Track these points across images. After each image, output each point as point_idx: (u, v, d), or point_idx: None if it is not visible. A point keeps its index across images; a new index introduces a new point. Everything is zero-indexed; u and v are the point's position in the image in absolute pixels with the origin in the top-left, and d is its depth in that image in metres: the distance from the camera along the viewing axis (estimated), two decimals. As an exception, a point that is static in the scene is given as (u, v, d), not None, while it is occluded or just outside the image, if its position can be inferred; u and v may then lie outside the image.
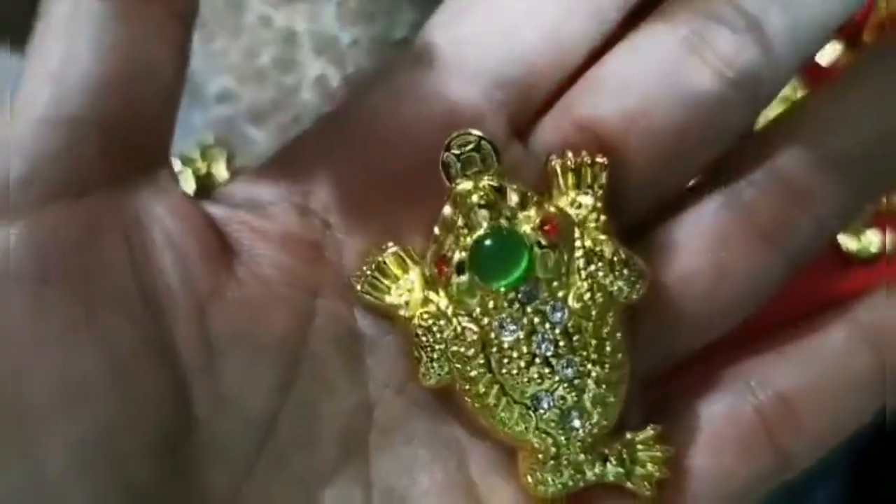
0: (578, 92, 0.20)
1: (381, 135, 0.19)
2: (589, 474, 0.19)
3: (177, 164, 0.33)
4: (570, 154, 0.19)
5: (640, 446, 0.20)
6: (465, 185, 0.18)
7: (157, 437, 0.17)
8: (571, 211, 0.19)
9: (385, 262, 0.19)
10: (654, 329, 0.20)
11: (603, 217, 0.19)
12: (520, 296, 0.19)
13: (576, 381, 0.19)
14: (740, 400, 0.20)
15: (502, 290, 0.18)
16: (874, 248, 0.29)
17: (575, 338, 0.19)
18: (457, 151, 0.18)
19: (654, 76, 0.20)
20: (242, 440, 0.18)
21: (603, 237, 0.19)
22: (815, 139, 0.20)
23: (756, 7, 0.19)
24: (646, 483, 0.20)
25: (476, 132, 0.19)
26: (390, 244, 0.19)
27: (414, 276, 0.19)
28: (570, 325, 0.19)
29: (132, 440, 0.16)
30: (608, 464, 0.19)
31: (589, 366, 0.19)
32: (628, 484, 0.20)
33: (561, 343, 0.19)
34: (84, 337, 0.16)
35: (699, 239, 0.20)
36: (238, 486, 0.18)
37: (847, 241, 0.28)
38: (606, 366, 0.19)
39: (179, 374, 0.17)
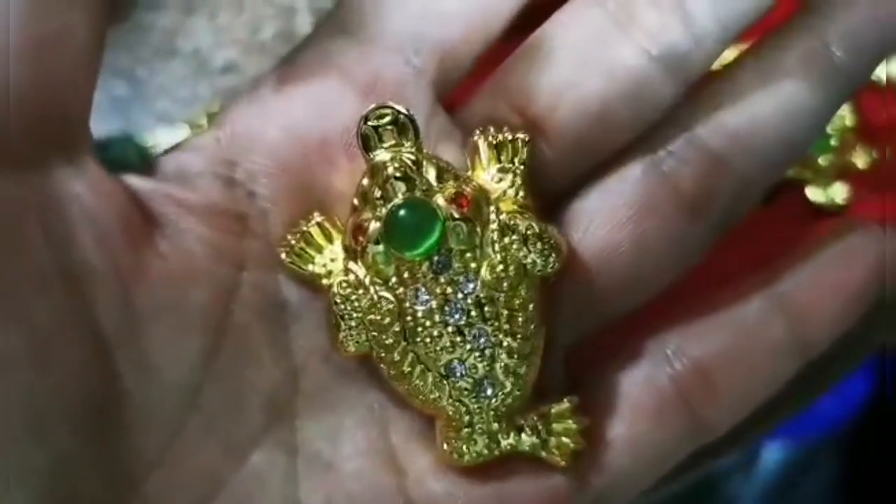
0: (509, 65, 0.20)
1: (305, 102, 0.20)
2: (503, 444, 0.20)
3: (186, 130, 0.35)
4: (492, 130, 0.20)
5: (555, 418, 0.20)
6: (381, 157, 0.19)
7: (80, 406, 0.17)
8: (491, 185, 0.20)
9: (310, 232, 0.19)
10: (577, 299, 0.20)
11: (521, 193, 0.20)
12: (434, 266, 0.19)
13: (487, 351, 0.19)
14: (657, 369, 0.20)
15: (415, 259, 0.19)
16: (840, 200, 0.29)
17: (486, 308, 0.19)
18: (374, 123, 0.19)
19: (581, 50, 0.20)
20: (168, 407, 0.18)
21: (519, 211, 0.19)
22: (732, 108, 0.20)
23: None
24: (560, 454, 0.20)
25: (394, 105, 0.19)
26: (316, 214, 0.20)
27: (338, 246, 0.20)
28: (482, 295, 0.19)
29: (55, 410, 0.16)
30: (523, 434, 0.20)
31: (500, 336, 0.19)
32: (543, 454, 0.20)
33: (473, 313, 0.19)
34: (0, 315, 0.16)
35: (621, 210, 0.20)
36: (165, 450, 0.18)
37: (815, 194, 0.29)
38: (518, 337, 0.19)
39: (102, 347, 0.17)
